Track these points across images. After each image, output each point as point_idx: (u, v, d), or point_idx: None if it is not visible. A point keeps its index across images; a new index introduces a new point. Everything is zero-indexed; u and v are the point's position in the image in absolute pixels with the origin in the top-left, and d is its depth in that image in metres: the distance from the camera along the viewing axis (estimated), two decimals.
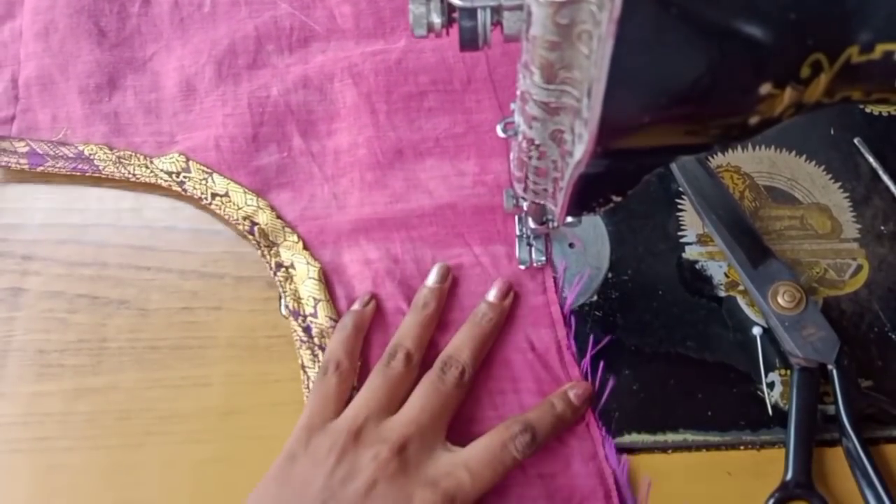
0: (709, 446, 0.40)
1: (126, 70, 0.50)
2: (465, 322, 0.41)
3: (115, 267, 0.46)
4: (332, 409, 0.38)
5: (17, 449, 0.41)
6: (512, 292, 0.43)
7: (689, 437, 0.40)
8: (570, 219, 0.35)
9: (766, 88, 0.22)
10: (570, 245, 0.44)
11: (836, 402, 0.38)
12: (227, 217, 0.45)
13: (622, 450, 0.39)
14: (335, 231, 0.45)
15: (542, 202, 0.35)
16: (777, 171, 0.46)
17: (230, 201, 0.46)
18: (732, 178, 0.46)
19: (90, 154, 0.47)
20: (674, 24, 0.20)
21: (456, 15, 0.28)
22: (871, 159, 0.46)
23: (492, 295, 0.42)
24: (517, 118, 0.30)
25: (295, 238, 0.45)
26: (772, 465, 0.38)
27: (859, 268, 0.44)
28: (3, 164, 0.47)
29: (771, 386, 0.40)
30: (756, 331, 0.41)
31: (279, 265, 0.44)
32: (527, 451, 0.37)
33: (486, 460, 0.36)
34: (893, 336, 0.42)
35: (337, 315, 0.43)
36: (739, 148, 0.47)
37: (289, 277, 0.44)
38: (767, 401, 0.40)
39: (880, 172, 0.46)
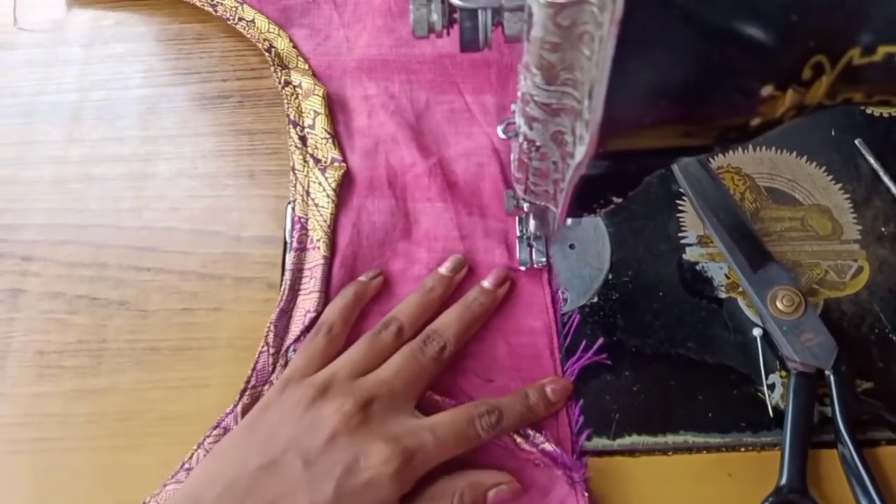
0: (709, 448, 0.40)
1: None
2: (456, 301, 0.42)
3: (114, 268, 0.46)
4: (313, 367, 0.39)
5: (17, 449, 0.41)
6: (508, 282, 0.43)
7: (690, 438, 0.40)
8: (569, 220, 0.35)
9: (767, 90, 0.22)
10: (571, 246, 0.44)
11: (832, 408, 0.38)
12: (249, 37, 0.51)
13: (622, 452, 0.39)
14: (341, 68, 0.51)
15: (542, 203, 0.35)
16: (778, 172, 0.46)
17: (255, 26, 0.51)
18: (733, 179, 0.46)
19: None
20: (675, 26, 0.20)
21: (457, 16, 0.28)
22: (871, 160, 0.46)
23: (487, 281, 0.43)
24: (518, 119, 0.30)
25: (306, 66, 0.50)
26: (772, 466, 0.38)
27: (860, 269, 0.43)
28: None
29: (772, 387, 0.40)
30: (756, 332, 0.41)
31: (287, 82, 0.50)
32: (490, 432, 0.37)
33: (451, 430, 0.37)
34: (894, 337, 0.42)
35: (333, 130, 0.48)
36: (740, 149, 0.47)
37: (294, 93, 0.49)
38: (768, 402, 0.40)
39: (881, 174, 0.45)
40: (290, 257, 0.44)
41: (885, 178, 0.45)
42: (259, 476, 0.34)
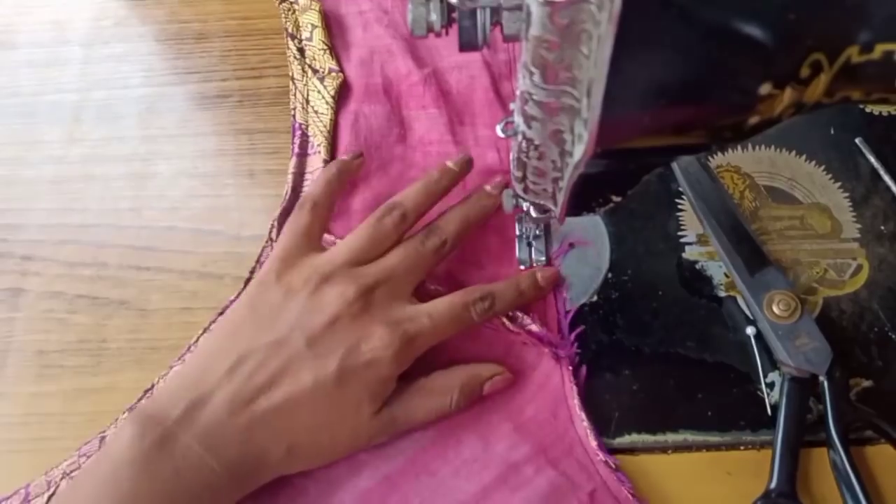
0: (709, 446, 0.40)
1: None
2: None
3: (114, 267, 0.46)
4: (304, 243, 0.40)
5: (18, 449, 0.41)
6: (509, 190, 0.44)
7: (689, 437, 0.40)
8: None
9: (765, 88, 0.22)
10: (570, 245, 0.44)
11: (825, 415, 0.38)
12: None
13: (622, 451, 0.39)
14: None
15: (541, 202, 0.35)
16: (777, 170, 0.46)
17: None
18: (732, 177, 0.46)
19: None
20: (673, 25, 0.20)
21: (455, 15, 0.28)
22: (871, 159, 0.46)
23: (489, 186, 0.44)
24: (517, 118, 0.30)
25: None
26: None
27: (859, 268, 0.44)
28: None
29: (771, 386, 0.40)
30: (750, 331, 0.41)
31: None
32: (483, 316, 0.39)
33: (448, 315, 0.39)
34: (893, 336, 0.42)
35: (330, 42, 0.50)
36: (739, 148, 0.47)
37: (291, 9, 0.51)
38: (767, 401, 0.40)
39: (881, 172, 0.45)
40: (292, 163, 0.47)
41: (885, 177, 0.45)
42: (267, 351, 0.36)
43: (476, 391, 0.39)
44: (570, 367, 0.40)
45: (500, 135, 0.34)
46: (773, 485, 0.37)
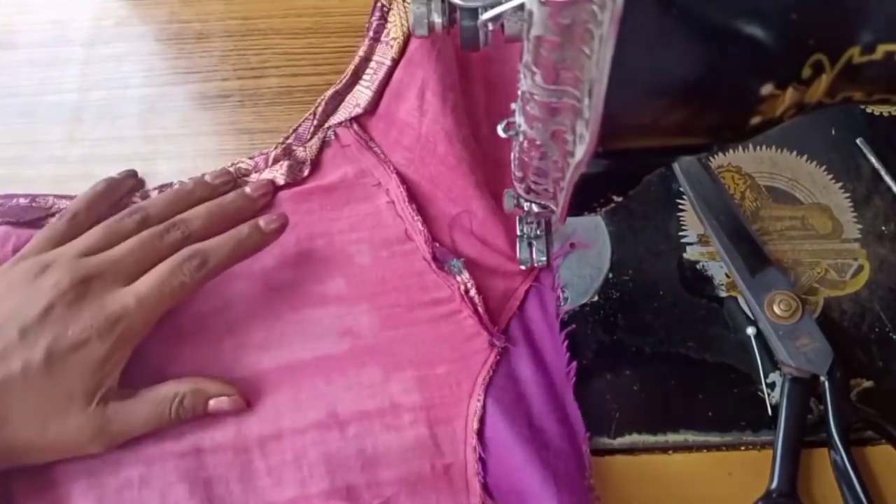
0: (709, 447, 0.40)
1: None
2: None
3: None
4: (48, 248, 0.40)
5: None
6: (269, 193, 0.44)
7: (690, 437, 0.40)
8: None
9: (767, 89, 0.22)
10: (571, 245, 0.44)
11: (825, 415, 0.38)
12: None
13: (623, 451, 0.39)
14: None
15: (543, 202, 0.35)
16: (778, 171, 0.46)
17: None
18: (733, 178, 0.46)
19: None
20: (675, 25, 0.20)
21: (457, 15, 0.28)
22: (872, 159, 0.46)
23: (249, 188, 0.44)
24: (518, 118, 0.30)
25: None
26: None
27: (860, 268, 0.44)
28: None
29: (772, 386, 0.40)
30: (750, 331, 0.41)
31: None
32: (196, 276, 0.38)
33: (155, 285, 0.37)
34: (894, 336, 0.42)
35: None
36: (740, 148, 0.47)
37: None
38: (768, 401, 0.40)
39: (882, 173, 0.45)
40: (363, 46, 0.46)
41: (886, 177, 0.45)
42: None
43: (199, 406, 0.38)
44: (497, 357, 0.41)
45: (502, 135, 0.34)
46: (773, 485, 0.37)
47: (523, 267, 0.43)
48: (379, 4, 0.46)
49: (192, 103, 0.51)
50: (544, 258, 0.43)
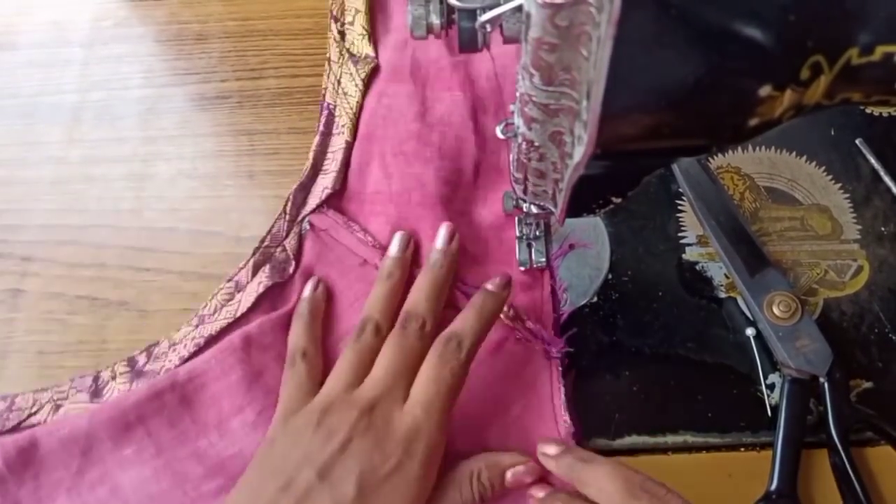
0: (709, 448, 0.40)
1: None
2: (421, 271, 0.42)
3: (114, 268, 0.46)
4: (305, 393, 0.39)
5: None
6: (457, 235, 0.43)
7: (690, 438, 0.40)
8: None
9: (765, 90, 0.22)
10: (570, 246, 0.44)
11: (825, 416, 0.38)
12: None
13: (623, 452, 0.39)
14: None
15: (542, 204, 0.35)
16: (777, 171, 0.46)
17: None
18: (733, 178, 0.46)
19: None
20: (673, 26, 0.20)
21: (455, 16, 0.28)
22: (871, 160, 0.46)
23: (440, 241, 0.43)
24: (516, 120, 0.30)
25: None
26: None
27: (860, 269, 0.43)
28: None
29: (771, 387, 0.40)
30: (749, 332, 0.41)
31: None
32: (460, 357, 0.37)
33: (432, 387, 0.37)
34: (894, 337, 0.41)
35: (370, 27, 0.50)
36: (739, 149, 0.47)
37: None
38: (767, 402, 0.40)
39: (881, 173, 0.45)
40: (315, 141, 0.47)
41: (886, 178, 0.45)
42: (276, 497, 0.34)
43: (496, 481, 0.37)
44: (560, 368, 0.40)
45: (501, 136, 0.34)
46: (773, 486, 0.37)
47: (522, 268, 0.43)
48: (325, 104, 0.48)
49: (191, 104, 0.51)
50: (543, 259, 0.43)
